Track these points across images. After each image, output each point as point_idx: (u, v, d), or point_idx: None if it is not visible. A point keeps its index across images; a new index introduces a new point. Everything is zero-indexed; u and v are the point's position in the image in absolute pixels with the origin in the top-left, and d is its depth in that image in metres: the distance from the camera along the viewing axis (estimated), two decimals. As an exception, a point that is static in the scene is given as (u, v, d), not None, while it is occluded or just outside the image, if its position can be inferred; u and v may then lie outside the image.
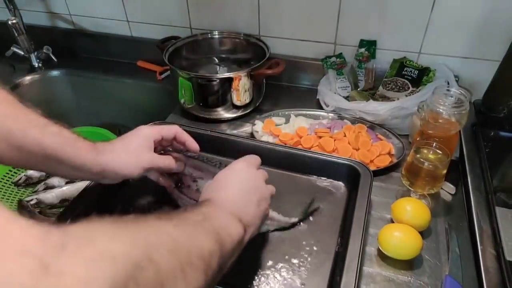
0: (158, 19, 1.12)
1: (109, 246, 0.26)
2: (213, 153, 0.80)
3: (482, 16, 0.84)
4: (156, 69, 1.15)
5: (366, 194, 0.64)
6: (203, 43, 1.05)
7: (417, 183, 0.66)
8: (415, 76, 0.91)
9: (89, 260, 0.24)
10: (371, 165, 0.77)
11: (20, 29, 1.10)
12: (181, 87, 0.91)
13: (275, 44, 1.03)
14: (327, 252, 0.60)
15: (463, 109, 0.67)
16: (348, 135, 0.82)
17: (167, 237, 0.34)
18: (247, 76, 0.88)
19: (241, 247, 0.46)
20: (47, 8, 1.23)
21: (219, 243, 0.40)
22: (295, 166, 0.75)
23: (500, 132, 0.84)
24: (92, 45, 1.24)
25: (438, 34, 0.90)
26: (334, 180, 0.74)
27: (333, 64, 0.98)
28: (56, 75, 1.21)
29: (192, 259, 0.35)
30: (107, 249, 0.26)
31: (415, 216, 0.62)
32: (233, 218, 0.45)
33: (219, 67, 1.08)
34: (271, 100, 1.01)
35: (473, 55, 0.90)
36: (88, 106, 1.25)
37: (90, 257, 0.24)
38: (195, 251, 0.36)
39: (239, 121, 0.94)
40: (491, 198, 0.67)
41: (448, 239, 0.63)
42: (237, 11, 1.03)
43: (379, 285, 0.57)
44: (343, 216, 0.66)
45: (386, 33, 0.94)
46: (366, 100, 0.90)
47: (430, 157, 0.66)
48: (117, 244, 0.27)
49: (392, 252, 0.59)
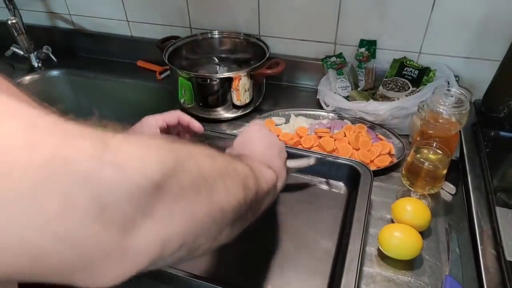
0: (158, 19, 1.12)
1: (153, 141, 0.28)
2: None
3: (482, 16, 0.84)
4: (156, 69, 1.15)
5: (366, 194, 0.64)
6: (203, 43, 1.05)
7: (417, 183, 0.66)
8: (415, 76, 0.91)
9: (138, 144, 0.26)
10: (371, 165, 0.77)
11: (20, 29, 1.10)
12: (181, 87, 0.91)
13: (275, 44, 1.03)
14: (327, 252, 0.60)
15: (463, 109, 0.67)
16: (348, 135, 0.82)
17: (204, 150, 0.35)
18: (247, 76, 0.88)
19: (275, 194, 0.49)
20: (47, 8, 1.23)
21: (253, 172, 0.41)
22: (295, 166, 0.75)
23: (500, 132, 0.84)
24: (92, 45, 1.24)
25: (438, 34, 0.90)
26: (334, 180, 0.74)
27: (333, 64, 0.98)
28: (56, 75, 1.21)
29: (229, 171, 0.35)
30: (152, 142, 0.27)
31: (415, 216, 0.62)
32: (265, 166, 0.47)
33: (219, 67, 1.08)
34: (271, 100, 1.01)
35: (473, 55, 0.90)
36: (88, 106, 1.25)
37: (138, 143, 0.26)
38: (232, 168, 0.37)
39: (239, 121, 0.94)
40: (491, 198, 0.67)
41: (448, 239, 0.63)
42: (237, 11, 1.02)
43: (379, 285, 0.57)
44: (343, 216, 0.66)
45: (386, 33, 0.94)
46: (366, 100, 0.90)
47: (430, 157, 0.66)
48: (161, 140, 0.29)
49: (392, 252, 0.59)
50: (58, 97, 1.24)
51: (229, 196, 0.33)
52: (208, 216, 0.30)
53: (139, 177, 0.24)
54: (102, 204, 0.22)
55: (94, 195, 0.21)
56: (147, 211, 0.24)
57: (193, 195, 0.28)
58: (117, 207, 0.22)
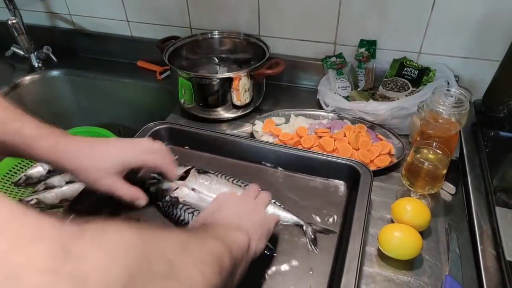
0: (158, 19, 1.12)
1: (123, 237, 0.27)
2: (213, 153, 0.80)
3: (482, 16, 0.84)
4: (156, 69, 1.15)
5: (366, 194, 0.64)
6: (203, 43, 1.05)
7: (417, 183, 0.66)
8: (415, 76, 0.91)
9: (106, 247, 0.24)
10: (371, 165, 0.77)
11: (20, 29, 1.10)
12: (181, 87, 0.91)
13: (275, 44, 1.03)
14: (327, 252, 0.60)
15: (463, 109, 0.67)
16: (348, 135, 0.82)
17: (177, 237, 0.34)
18: (247, 76, 0.88)
19: (249, 255, 0.47)
20: (47, 8, 1.23)
21: (226, 245, 0.40)
22: (295, 166, 0.75)
23: (500, 132, 0.84)
24: (92, 45, 1.24)
25: (438, 34, 0.90)
26: (334, 180, 0.74)
27: (333, 64, 0.98)
28: (56, 75, 1.21)
29: (204, 256, 0.35)
30: (122, 240, 0.26)
31: (415, 216, 0.62)
32: (234, 229, 0.46)
33: (219, 67, 1.08)
34: (271, 100, 1.01)
35: (473, 55, 0.90)
36: (88, 106, 1.25)
37: (107, 245, 0.24)
38: (206, 250, 0.36)
39: (239, 121, 0.94)
40: (491, 198, 0.67)
41: (448, 239, 0.63)
42: (237, 11, 1.03)
43: (379, 285, 0.57)
44: (343, 216, 0.66)
45: (386, 33, 0.94)
46: (366, 100, 0.90)
47: (430, 157, 0.66)
48: (131, 237, 0.28)
49: (392, 252, 0.59)
50: (58, 97, 1.24)
51: (207, 282, 0.33)
52: None
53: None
54: None
55: None
56: None
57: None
58: None
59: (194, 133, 0.81)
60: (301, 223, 0.64)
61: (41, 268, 0.19)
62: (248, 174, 0.76)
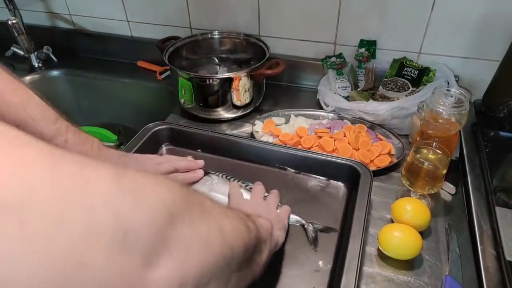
0: (158, 19, 1.12)
1: (160, 175, 0.29)
2: (213, 153, 0.80)
3: (482, 16, 0.84)
4: (156, 69, 1.15)
5: (366, 194, 0.64)
6: (203, 43, 1.05)
7: (417, 183, 0.66)
8: (415, 76, 0.91)
9: (149, 176, 0.27)
10: (371, 165, 0.77)
11: (20, 29, 1.10)
12: (181, 87, 0.91)
13: (275, 44, 1.03)
14: (327, 252, 0.60)
15: (463, 109, 0.67)
16: (348, 135, 0.82)
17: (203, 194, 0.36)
18: (247, 76, 0.88)
19: (272, 244, 0.48)
20: (47, 8, 1.23)
21: (251, 218, 0.41)
22: (295, 166, 0.75)
23: (500, 132, 0.84)
24: (92, 45, 1.24)
25: (438, 34, 0.90)
26: (334, 180, 0.74)
27: (333, 64, 0.98)
28: (56, 75, 1.21)
29: (230, 213, 0.36)
30: (159, 176, 0.29)
31: (415, 216, 0.62)
32: (257, 216, 0.47)
33: (219, 67, 1.08)
34: (271, 100, 1.01)
35: (473, 55, 0.90)
36: (88, 106, 1.25)
37: (149, 175, 0.27)
38: (231, 210, 0.38)
39: (239, 121, 0.94)
40: (491, 198, 0.67)
41: (448, 239, 0.63)
42: (237, 11, 1.03)
43: (379, 285, 0.57)
44: (343, 216, 0.66)
45: (386, 33, 0.94)
46: (366, 100, 0.90)
47: (430, 157, 0.66)
48: (165, 176, 0.33)
49: (392, 252, 0.59)
50: (58, 97, 1.24)
51: (236, 233, 0.33)
52: (220, 253, 0.30)
53: (157, 203, 0.24)
54: (125, 228, 0.21)
55: (116, 218, 0.21)
56: (166, 240, 0.24)
57: (205, 229, 0.29)
58: (139, 233, 0.22)
59: (194, 133, 0.81)
60: (302, 222, 0.64)
61: (107, 179, 0.22)
62: (248, 174, 0.76)
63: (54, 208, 0.19)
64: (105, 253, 0.20)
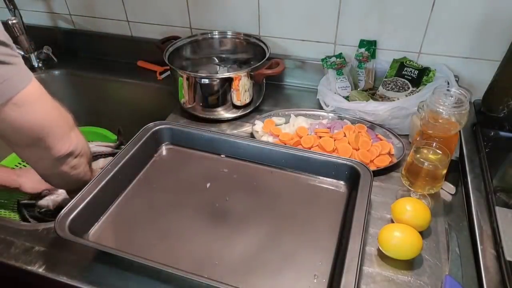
0: (158, 19, 1.12)
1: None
2: (213, 153, 0.80)
3: (482, 16, 0.84)
4: (156, 69, 1.15)
5: (366, 194, 0.64)
6: (203, 43, 1.05)
7: (417, 183, 0.66)
8: (415, 76, 0.91)
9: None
10: (371, 165, 0.77)
11: (20, 29, 1.10)
12: (181, 87, 0.91)
13: (275, 44, 1.03)
14: (327, 252, 0.60)
15: (463, 109, 0.67)
16: (348, 135, 0.82)
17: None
18: (247, 76, 0.88)
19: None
20: (47, 8, 1.23)
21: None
22: (295, 166, 0.75)
23: (500, 132, 0.84)
24: (92, 45, 1.24)
25: (438, 34, 0.90)
26: (334, 180, 0.74)
27: (333, 64, 0.98)
28: (56, 75, 1.21)
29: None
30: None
31: (415, 216, 0.62)
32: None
33: (219, 67, 1.08)
34: (271, 100, 1.01)
35: (473, 55, 0.90)
36: (88, 106, 1.25)
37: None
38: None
39: (239, 121, 0.94)
40: (491, 198, 0.67)
41: (448, 239, 0.63)
42: (237, 11, 1.03)
43: (379, 285, 0.57)
44: (343, 216, 0.66)
45: (386, 33, 0.94)
46: (366, 100, 0.90)
47: (430, 157, 0.66)
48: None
49: (392, 252, 0.59)
50: (58, 97, 1.23)
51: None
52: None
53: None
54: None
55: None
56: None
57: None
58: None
59: (194, 133, 0.81)
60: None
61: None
62: (248, 174, 0.76)
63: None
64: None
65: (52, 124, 0.58)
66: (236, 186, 0.74)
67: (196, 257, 0.60)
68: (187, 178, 0.76)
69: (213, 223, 0.66)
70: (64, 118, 0.62)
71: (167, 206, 0.69)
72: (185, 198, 0.71)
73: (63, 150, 0.60)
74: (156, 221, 0.66)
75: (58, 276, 0.58)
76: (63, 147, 0.60)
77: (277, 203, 0.70)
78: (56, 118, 0.60)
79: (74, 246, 0.61)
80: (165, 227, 0.65)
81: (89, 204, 0.64)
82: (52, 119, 0.59)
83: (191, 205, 0.69)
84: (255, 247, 0.62)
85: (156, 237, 0.64)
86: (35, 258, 0.61)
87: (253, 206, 0.69)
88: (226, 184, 0.74)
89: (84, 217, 0.63)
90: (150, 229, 0.65)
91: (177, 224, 0.66)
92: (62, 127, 0.61)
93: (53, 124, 0.59)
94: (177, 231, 0.65)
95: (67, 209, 0.61)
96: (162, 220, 0.67)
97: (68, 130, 0.61)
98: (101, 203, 0.67)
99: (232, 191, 0.72)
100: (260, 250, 0.61)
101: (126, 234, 0.64)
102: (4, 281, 0.69)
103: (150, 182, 0.75)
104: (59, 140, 0.59)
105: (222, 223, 0.66)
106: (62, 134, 0.60)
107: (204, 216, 0.67)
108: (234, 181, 0.75)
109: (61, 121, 0.61)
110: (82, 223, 0.63)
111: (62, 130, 0.60)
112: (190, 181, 0.75)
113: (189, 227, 0.65)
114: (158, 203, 0.70)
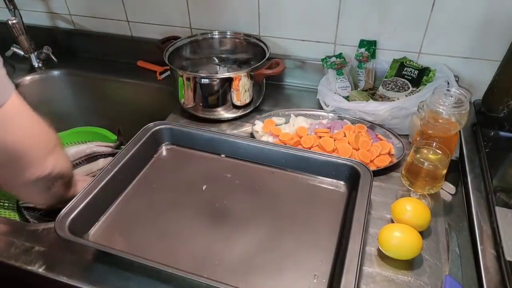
0: (158, 19, 1.12)
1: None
2: (213, 153, 0.80)
3: (482, 16, 0.84)
4: (156, 69, 1.15)
5: (366, 194, 0.64)
6: (203, 43, 1.05)
7: (417, 183, 0.66)
8: (415, 76, 0.91)
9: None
10: (371, 165, 0.77)
11: (20, 29, 1.10)
12: (181, 87, 0.91)
13: (275, 44, 1.03)
14: (327, 252, 0.60)
15: (463, 109, 0.67)
16: (348, 135, 0.82)
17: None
18: (247, 76, 0.88)
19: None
20: (47, 8, 1.23)
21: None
22: (295, 166, 0.75)
23: (500, 132, 0.84)
24: (92, 45, 1.24)
25: (438, 34, 0.90)
26: (334, 180, 0.74)
27: (333, 64, 0.98)
28: (56, 75, 1.21)
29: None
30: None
31: (415, 216, 0.62)
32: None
33: (219, 67, 1.08)
34: (271, 100, 1.01)
35: (473, 55, 0.90)
36: (88, 106, 1.25)
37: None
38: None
39: (239, 121, 0.94)
40: (491, 198, 0.67)
41: (448, 239, 0.63)
42: (237, 11, 1.03)
43: (379, 285, 0.57)
44: (343, 216, 0.66)
45: (386, 33, 0.94)
46: (366, 100, 0.90)
47: (430, 157, 0.66)
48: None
49: (392, 252, 0.59)
50: (58, 97, 1.24)
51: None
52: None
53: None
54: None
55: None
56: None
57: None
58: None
59: (194, 133, 0.81)
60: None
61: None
62: (248, 174, 0.76)
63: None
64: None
65: (27, 146, 0.53)
66: (236, 186, 0.74)
67: (196, 257, 0.60)
68: (187, 178, 0.76)
69: (213, 223, 0.66)
70: (44, 138, 0.57)
71: (167, 206, 0.69)
72: (185, 198, 0.71)
73: (36, 175, 0.55)
74: (156, 221, 0.66)
75: (58, 276, 0.58)
76: (36, 171, 0.55)
77: (277, 203, 0.70)
78: (34, 140, 0.55)
79: (74, 246, 0.61)
80: (165, 227, 0.65)
81: (89, 204, 0.63)
82: (29, 141, 0.54)
83: (191, 205, 0.69)
84: (255, 247, 0.62)
85: (156, 237, 0.64)
86: (35, 258, 0.61)
87: (253, 206, 0.69)
88: (226, 184, 0.74)
89: (84, 217, 0.63)
90: (150, 229, 0.65)
91: (177, 224, 0.66)
92: (39, 149, 0.55)
93: (29, 146, 0.53)
94: (177, 231, 0.65)
95: (67, 209, 0.61)
96: (162, 220, 0.67)
97: (45, 153, 0.56)
98: (101, 203, 0.67)
99: (232, 191, 0.72)
100: (260, 250, 0.61)
101: (126, 234, 0.64)
102: (4, 281, 0.69)
103: (150, 182, 0.75)
104: (33, 164, 0.54)
105: (222, 223, 0.66)
106: (38, 157, 0.55)
107: (204, 216, 0.67)
108: (234, 181, 0.75)
109: (39, 142, 0.56)
110: (82, 223, 0.63)
111: (38, 152, 0.55)
112: (190, 181, 0.75)
113: (189, 227, 0.65)
114: (158, 203, 0.70)
